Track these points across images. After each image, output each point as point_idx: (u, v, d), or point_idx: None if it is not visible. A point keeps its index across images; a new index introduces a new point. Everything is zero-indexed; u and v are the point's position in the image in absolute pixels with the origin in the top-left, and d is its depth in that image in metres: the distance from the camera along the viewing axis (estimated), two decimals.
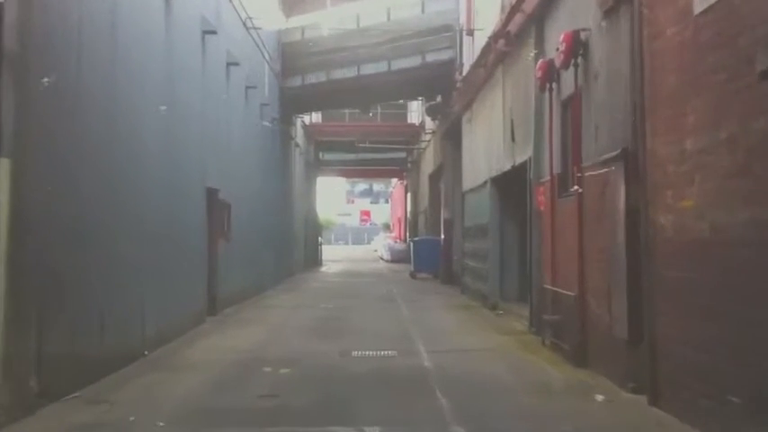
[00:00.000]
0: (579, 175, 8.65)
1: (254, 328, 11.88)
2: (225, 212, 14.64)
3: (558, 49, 8.93)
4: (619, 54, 7.54)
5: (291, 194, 26.74)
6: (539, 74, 10.04)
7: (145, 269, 9.22)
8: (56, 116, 6.80)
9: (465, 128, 18.82)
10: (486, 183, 15.60)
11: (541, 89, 10.21)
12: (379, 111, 38.06)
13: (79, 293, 7.23)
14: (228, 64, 14.95)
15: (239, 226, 15.95)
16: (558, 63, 9.15)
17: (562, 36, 8.78)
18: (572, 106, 9.15)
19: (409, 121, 37.22)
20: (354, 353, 9.48)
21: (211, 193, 13.34)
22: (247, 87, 17.11)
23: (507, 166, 13.32)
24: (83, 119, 7.37)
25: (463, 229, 19.21)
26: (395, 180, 57.14)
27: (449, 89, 21.24)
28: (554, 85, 9.91)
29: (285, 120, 24.29)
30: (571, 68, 8.81)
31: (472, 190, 17.57)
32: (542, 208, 10.60)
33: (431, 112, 24.54)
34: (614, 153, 7.39)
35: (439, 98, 23.83)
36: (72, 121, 7.11)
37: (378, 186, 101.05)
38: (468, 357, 9.31)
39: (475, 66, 15.83)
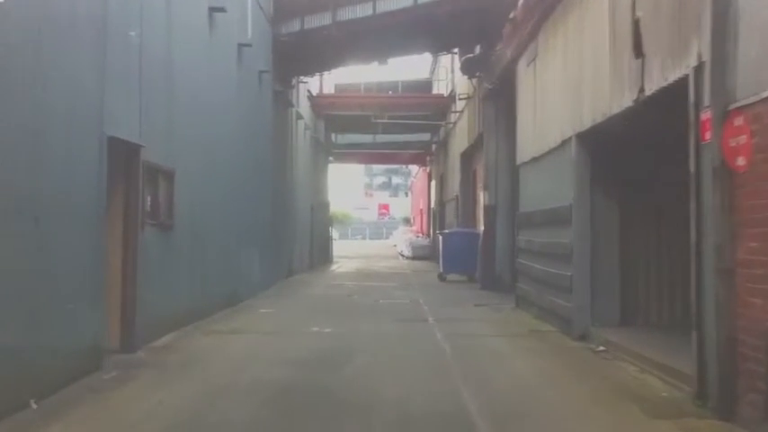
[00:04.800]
0: None
1: (176, 391, 6.48)
2: (160, 184, 9.33)
3: None
4: None
5: (292, 176, 21.41)
6: None
7: None
8: None
9: (523, 76, 13.38)
10: (565, 143, 10.17)
11: None
12: (401, 82, 32.75)
13: None
14: None
15: (194, 208, 10.68)
16: None
17: None
18: None
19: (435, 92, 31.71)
20: None
21: (124, 150, 8.03)
22: (212, 9, 11.80)
23: (621, 105, 7.86)
24: None
25: (517, 216, 13.77)
26: (416, 168, 51.69)
27: (495, 32, 15.78)
28: None
29: (282, 80, 18.98)
30: None
31: (535, 160, 12.13)
32: (744, 161, 5.18)
33: (467, 67, 18.98)
34: None
35: (478, 49, 18.34)
36: None
37: (397, 179, 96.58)
38: None
39: None
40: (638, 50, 7.27)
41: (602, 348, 8.45)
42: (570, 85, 10.02)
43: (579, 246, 9.66)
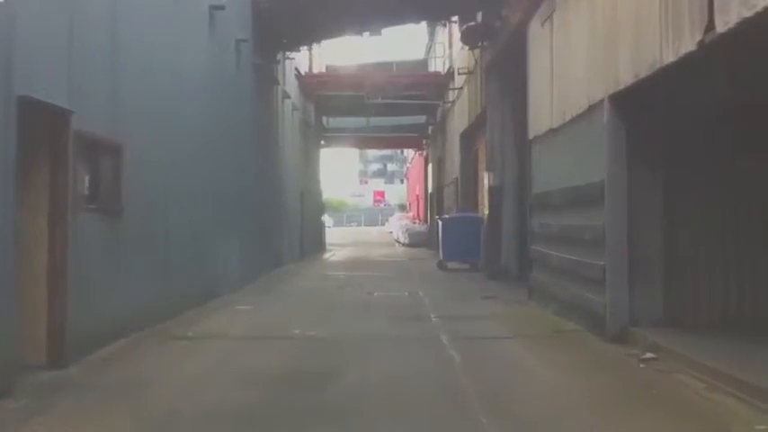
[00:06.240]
0: None
1: (103, 426, 4.86)
2: (102, 160, 7.62)
3: None
4: None
5: (279, 160, 19.70)
6: None
7: None
8: None
9: (535, 38, 11.69)
10: (594, 108, 8.50)
11: None
12: (395, 63, 31.00)
13: None
14: None
15: (153, 190, 9.01)
16: None
17: None
18: None
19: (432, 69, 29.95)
20: None
21: (46, 115, 6.35)
22: None
23: (677, 52, 6.15)
24: None
25: (531, 197, 12.12)
26: (412, 153, 49.98)
27: None
28: None
29: (264, 53, 17.22)
30: None
31: (554, 131, 10.48)
32: None
33: (468, 37, 17.25)
34: None
35: (480, 16, 16.63)
36: None
37: (392, 166, 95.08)
38: None
39: None
40: None
41: (650, 355, 6.83)
42: (601, 37, 8.33)
43: (614, 230, 8.00)
